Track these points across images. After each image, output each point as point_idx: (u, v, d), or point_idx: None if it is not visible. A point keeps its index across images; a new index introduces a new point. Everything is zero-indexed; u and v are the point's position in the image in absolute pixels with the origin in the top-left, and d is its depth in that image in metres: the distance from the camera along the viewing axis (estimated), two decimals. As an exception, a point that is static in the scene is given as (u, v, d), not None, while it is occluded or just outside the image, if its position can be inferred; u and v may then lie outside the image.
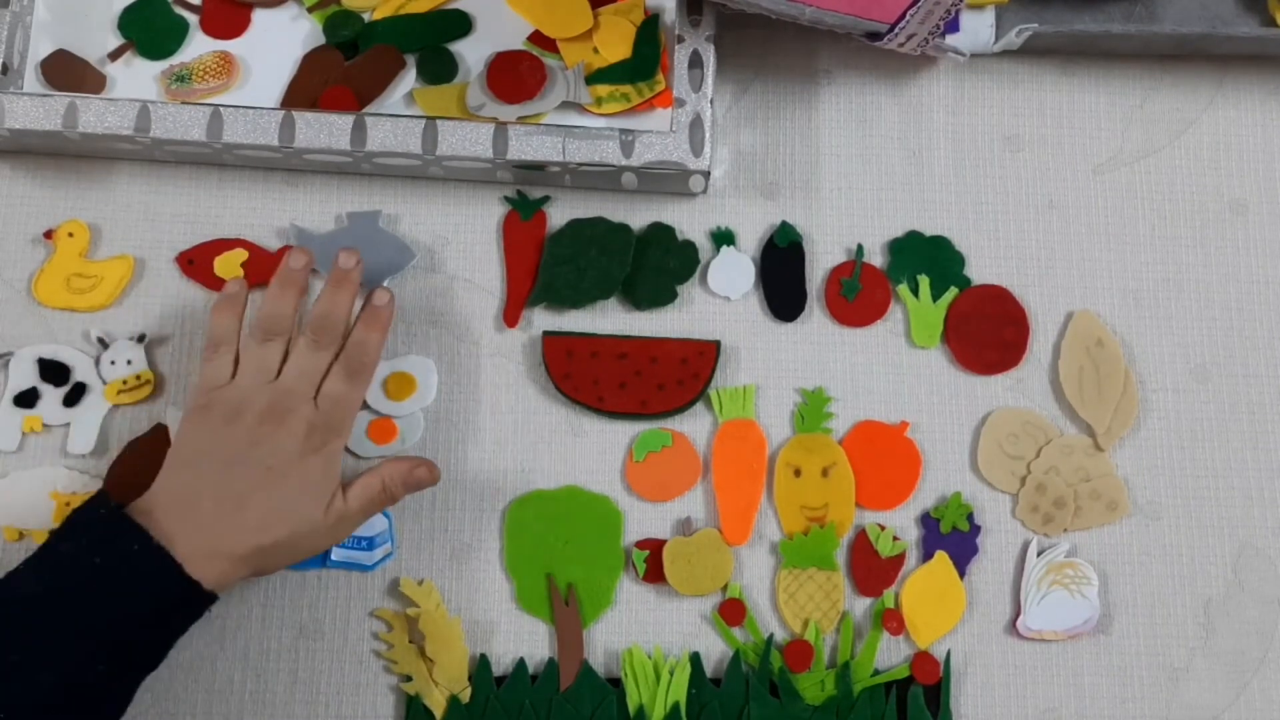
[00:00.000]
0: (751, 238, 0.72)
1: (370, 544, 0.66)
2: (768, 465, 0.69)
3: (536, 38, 0.71)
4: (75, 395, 0.68)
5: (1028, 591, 0.67)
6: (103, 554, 0.55)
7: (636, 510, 0.68)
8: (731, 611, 0.67)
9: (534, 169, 0.69)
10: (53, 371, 0.68)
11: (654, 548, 0.67)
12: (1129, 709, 0.67)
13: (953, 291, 0.71)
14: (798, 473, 0.68)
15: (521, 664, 0.66)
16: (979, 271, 0.72)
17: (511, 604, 0.67)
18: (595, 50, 0.70)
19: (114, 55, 0.71)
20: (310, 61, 0.71)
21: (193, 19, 0.72)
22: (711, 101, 0.68)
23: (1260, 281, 0.72)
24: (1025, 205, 0.73)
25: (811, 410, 0.69)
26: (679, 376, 0.69)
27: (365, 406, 0.68)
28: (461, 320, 0.70)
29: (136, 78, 0.71)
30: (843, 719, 0.65)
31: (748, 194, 0.72)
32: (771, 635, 0.67)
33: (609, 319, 0.70)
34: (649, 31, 0.70)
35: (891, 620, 0.66)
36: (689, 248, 0.71)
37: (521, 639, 0.66)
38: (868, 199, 0.72)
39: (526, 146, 0.67)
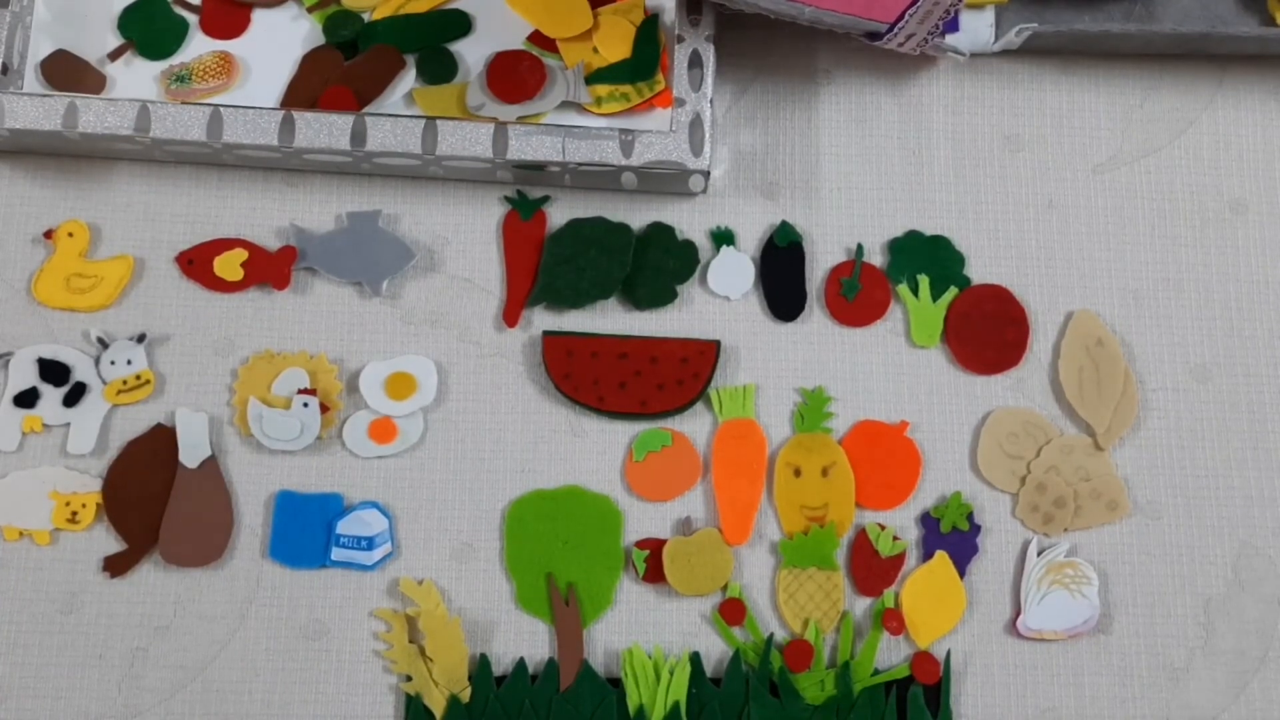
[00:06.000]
0: (751, 237, 0.72)
1: (370, 544, 0.66)
2: (768, 465, 0.69)
3: (536, 37, 0.71)
4: (75, 395, 0.68)
5: (1028, 591, 0.67)
6: None
7: (636, 510, 0.68)
8: (731, 611, 0.67)
9: (534, 169, 0.69)
10: (53, 371, 0.68)
11: (654, 547, 0.67)
12: (1129, 709, 0.67)
13: (952, 291, 0.71)
14: (798, 472, 0.68)
15: (521, 664, 0.66)
16: (979, 271, 0.72)
17: (511, 604, 0.67)
18: (595, 50, 0.70)
19: (114, 55, 0.71)
20: (310, 61, 0.71)
21: (193, 19, 0.72)
22: (711, 101, 0.68)
23: (1260, 281, 0.72)
24: (1025, 205, 0.73)
25: (811, 410, 0.69)
26: (679, 376, 0.69)
27: (365, 406, 0.68)
28: (461, 320, 0.70)
29: (136, 78, 0.71)
30: (843, 719, 0.65)
31: (747, 194, 0.72)
32: (771, 635, 0.67)
33: (609, 319, 0.70)
34: (649, 31, 0.70)
35: (891, 620, 0.66)
36: (689, 247, 0.71)
37: (521, 639, 0.66)
38: (867, 199, 0.72)
39: (526, 146, 0.67)
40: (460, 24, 0.72)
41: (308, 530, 0.67)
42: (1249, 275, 0.72)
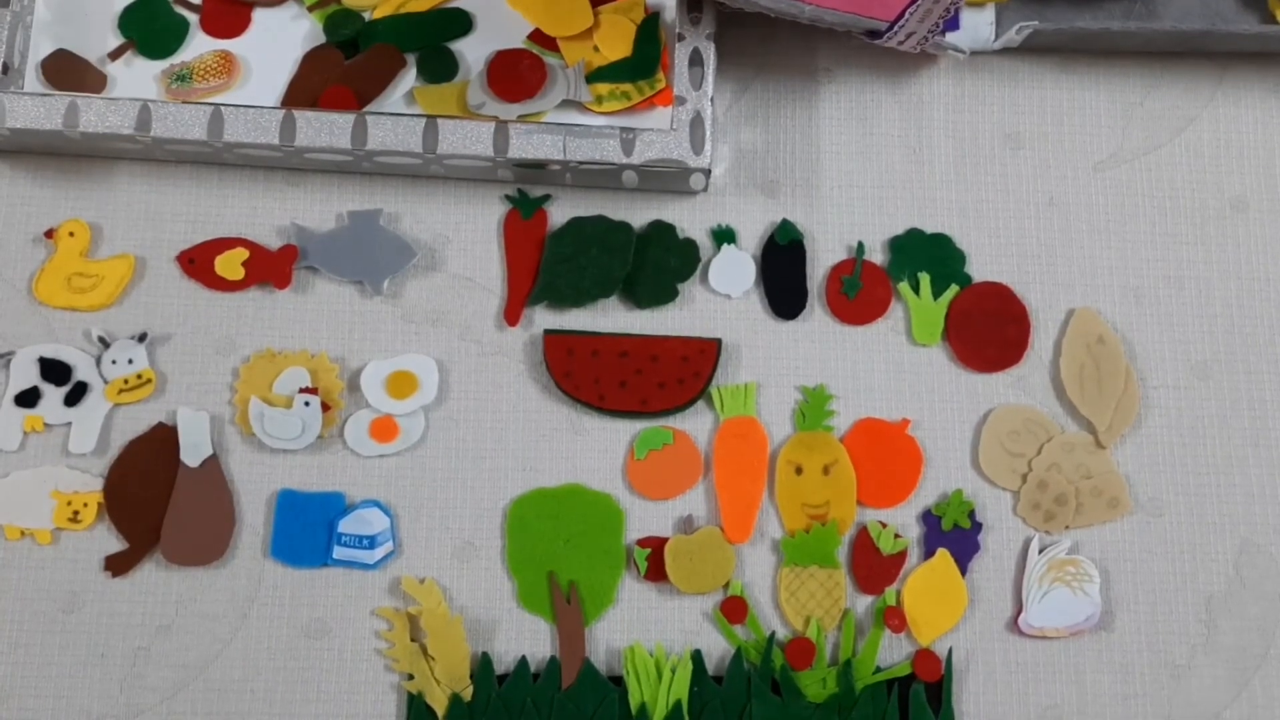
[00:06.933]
0: (752, 236, 0.72)
1: (372, 542, 0.66)
2: (769, 463, 0.69)
3: (537, 36, 0.71)
4: (76, 395, 0.68)
5: (1029, 589, 0.67)
6: None
7: (638, 508, 0.68)
8: (733, 609, 0.67)
9: (535, 167, 0.69)
10: (54, 371, 0.68)
11: (655, 546, 0.67)
12: (1130, 706, 0.67)
13: (953, 289, 0.71)
14: (799, 470, 0.68)
15: (523, 662, 0.66)
16: (980, 269, 0.72)
17: (513, 602, 0.67)
18: (595, 48, 0.70)
19: (114, 55, 0.71)
20: (310, 61, 0.71)
21: (193, 18, 0.72)
22: (712, 99, 0.68)
23: (1261, 278, 0.72)
24: (1026, 203, 0.73)
25: (813, 408, 0.69)
26: (680, 375, 0.69)
27: (366, 405, 0.68)
28: (463, 319, 0.70)
29: (137, 77, 0.71)
30: (845, 717, 0.65)
31: (748, 192, 0.72)
32: (773, 633, 0.67)
33: (610, 317, 0.70)
34: (649, 30, 0.70)
35: (893, 618, 0.66)
36: (690, 246, 0.71)
37: (523, 637, 0.66)
38: (868, 197, 0.72)
39: (527, 145, 0.67)
40: (461, 23, 0.72)
41: (309, 529, 0.67)
42: (1250, 272, 0.72)
